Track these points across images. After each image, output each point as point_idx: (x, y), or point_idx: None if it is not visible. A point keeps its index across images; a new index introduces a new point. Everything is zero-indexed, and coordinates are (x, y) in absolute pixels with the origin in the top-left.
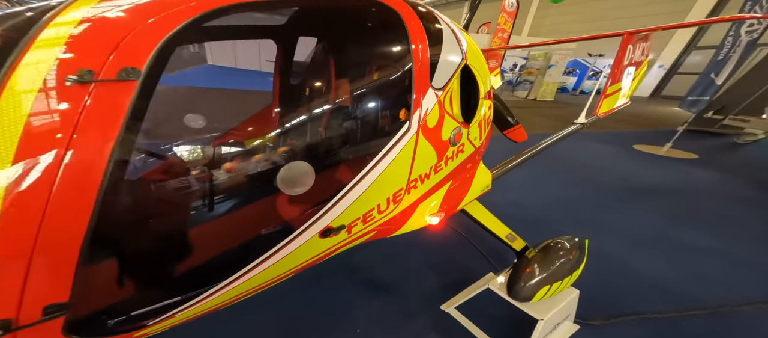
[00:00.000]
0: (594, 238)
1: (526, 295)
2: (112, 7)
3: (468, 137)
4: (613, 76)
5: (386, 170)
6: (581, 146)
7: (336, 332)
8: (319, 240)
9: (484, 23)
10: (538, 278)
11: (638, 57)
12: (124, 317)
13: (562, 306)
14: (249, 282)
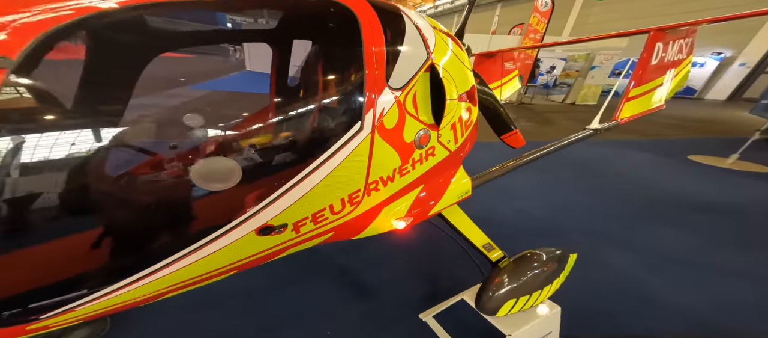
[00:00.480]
0: (612, 255)
1: (491, 307)
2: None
3: (439, 140)
4: (637, 77)
5: (336, 170)
6: (618, 153)
7: (305, 332)
8: (257, 238)
9: (517, 25)
10: (505, 289)
11: (674, 56)
12: (15, 309)
13: (536, 323)
14: (171, 277)
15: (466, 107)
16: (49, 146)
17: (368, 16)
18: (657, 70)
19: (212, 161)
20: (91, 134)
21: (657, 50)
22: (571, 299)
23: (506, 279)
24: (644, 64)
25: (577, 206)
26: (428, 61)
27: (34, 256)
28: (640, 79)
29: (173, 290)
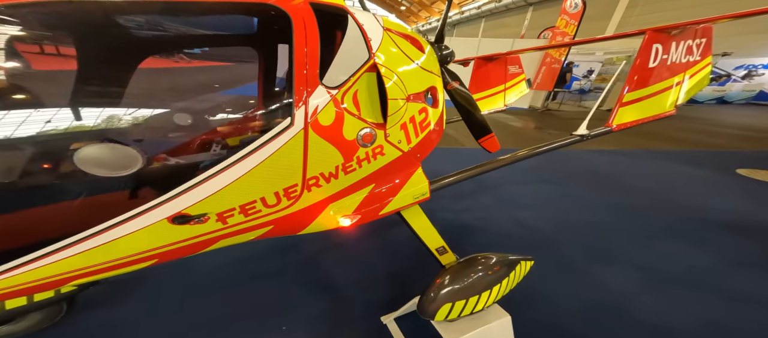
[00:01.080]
0: (609, 273)
1: (430, 310)
2: None
3: (387, 139)
4: (632, 81)
5: (263, 164)
6: (651, 165)
7: (262, 325)
8: (173, 227)
9: (548, 28)
10: (445, 292)
11: (681, 58)
12: None
13: (482, 331)
14: (69, 262)
15: (421, 109)
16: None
17: (304, 18)
18: (660, 73)
19: (106, 147)
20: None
21: (655, 52)
22: (539, 313)
23: (447, 281)
24: (640, 68)
25: (586, 222)
26: (370, 62)
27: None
28: (635, 83)
29: (78, 275)
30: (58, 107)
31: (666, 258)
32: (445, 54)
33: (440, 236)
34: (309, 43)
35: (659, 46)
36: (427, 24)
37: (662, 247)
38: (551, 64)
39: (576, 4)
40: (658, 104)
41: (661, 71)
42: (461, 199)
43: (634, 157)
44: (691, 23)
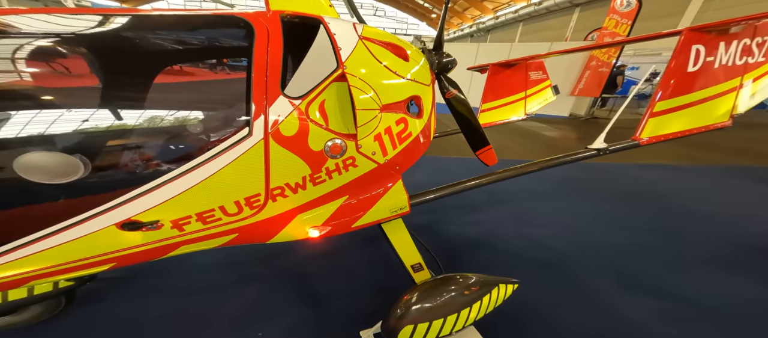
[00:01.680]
0: (628, 302)
1: (391, 328)
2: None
3: (360, 151)
4: (666, 88)
5: (220, 173)
6: (717, 183)
7: (238, 331)
8: (122, 233)
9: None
10: (408, 311)
11: (735, 59)
12: None
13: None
14: (43, 256)
15: (399, 119)
16: None
17: (269, 29)
18: (705, 78)
19: (40, 156)
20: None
21: (696, 55)
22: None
23: (415, 299)
24: (675, 72)
25: (615, 244)
26: (337, 72)
27: None
28: (671, 90)
29: (37, 276)
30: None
31: (708, 292)
32: (445, 62)
33: (419, 252)
34: (271, 53)
35: (701, 48)
36: (459, 30)
37: (706, 278)
38: (598, 67)
39: (629, 2)
40: (703, 114)
41: (707, 76)
42: (471, 212)
43: (691, 172)
44: (743, 19)
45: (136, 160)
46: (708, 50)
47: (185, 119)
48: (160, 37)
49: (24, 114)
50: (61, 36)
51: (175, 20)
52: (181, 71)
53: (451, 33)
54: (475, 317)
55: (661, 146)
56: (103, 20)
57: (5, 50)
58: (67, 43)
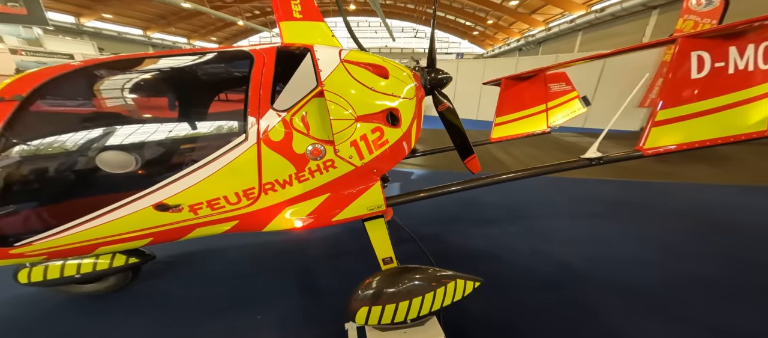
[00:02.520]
0: (641, 322)
1: (351, 310)
2: None
3: (338, 154)
4: (666, 96)
5: (223, 169)
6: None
7: (240, 314)
8: (155, 212)
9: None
10: (365, 294)
11: (750, 64)
12: (4, 230)
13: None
14: (104, 227)
15: (374, 128)
16: (45, 139)
17: (265, 58)
18: (725, 83)
19: (111, 154)
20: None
21: (699, 61)
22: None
23: (374, 284)
24: (677, 80)
25: (643, 261)
26: (317, 89)
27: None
28: (674, 99)
29: (117, 240)
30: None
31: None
32: (439, 78)
33: (392, 248)
34: (264, 76)
35: (704, 54)
36: (505, 45)
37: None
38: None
39: (709, 0)
40: (727, 123)
41: (721, 82)
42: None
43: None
44: (740, 23)
45: (167, 157)
46: (715, 56)
47: (204, 127)
48: (189, 69)
49: (101, 129)
50: (125, 75)
51: (203, 54)
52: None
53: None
54: (430, 307)
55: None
56: (157, 61)
57: (90, 86)
58: (129, 80)
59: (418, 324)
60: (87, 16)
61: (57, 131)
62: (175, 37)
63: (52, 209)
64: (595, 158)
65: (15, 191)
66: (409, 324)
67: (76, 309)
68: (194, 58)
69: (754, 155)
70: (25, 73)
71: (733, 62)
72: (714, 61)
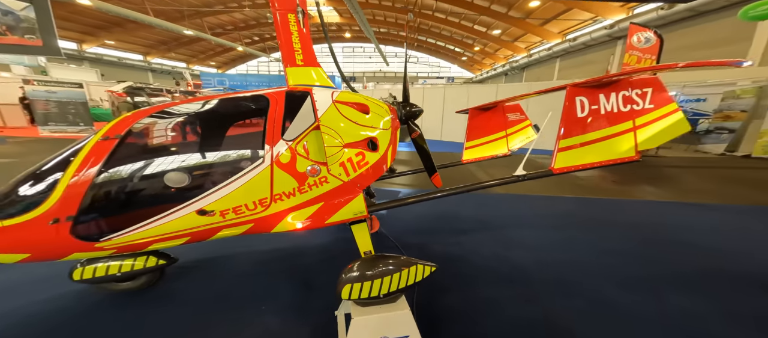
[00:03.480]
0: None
1: (337, 289)
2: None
3: (330, 172)
4: (565, 128)
5: (248, 183)
6: (733, 221)
7: (249, 304)
8: (196, 216)
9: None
10: (348, 276)
11: (619, 107)
12: (93, 230)
13: (381, 316)
14: (159, 228)
15: (358, 152)
16: (135, 163)
17: (278, 100)
18: (600, 121)
19: (174, 174)
20: (153, 161)
21: (581, 104)
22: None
23: (355, 268)
24: (568, 117)
25: (576, 262)
26: (315, 124)
27: (110, 207)
28: (569, 131)
29: (165, 238)
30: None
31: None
32: (414, 111)
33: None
34: (277, 114)
35: (584, 99)
36: (492, 70)
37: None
38: None
39: (648, 38)
40: (607, 150)
41: (600, 119)
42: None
43: (719, 211)
44: (606, 77)
45: (209, 175)
46: (591, 101)
47: (234, 153)
48: (225, 109)
49: (167, 156)
50: (179, 115)
51: (239, 99)
52: (234, 126)
53: (484, 73)
54: (397, 284)
55: None
56: (202, 103)
57: (160, 125)
58: (181, 118)
59: (390, 300)
60: (89, 42)
61: (139, 159)
62: (175, 62)
63: (128, 215)
64: (520, 175)
65: (107, 203)
66: (382, 299)
67: (114, 303)
68: (228, 100)
69: (693, 177)
70: (122, 117)
71: (603, 106)
72: (591, 105)
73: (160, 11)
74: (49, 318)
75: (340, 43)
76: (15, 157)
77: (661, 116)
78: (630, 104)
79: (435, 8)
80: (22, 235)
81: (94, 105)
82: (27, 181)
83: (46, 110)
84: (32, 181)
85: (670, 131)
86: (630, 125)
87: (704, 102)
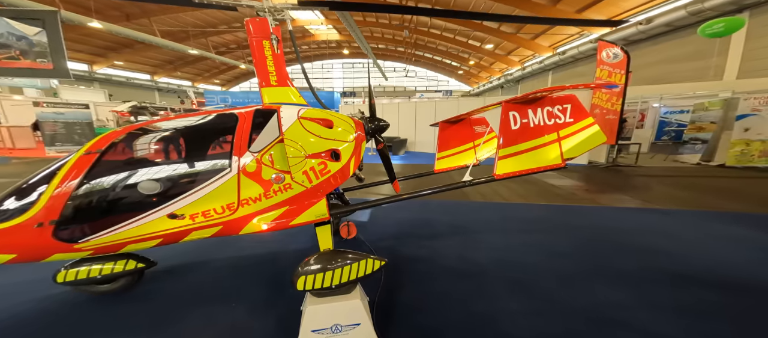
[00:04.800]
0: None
1: (292, 280)
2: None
3: (293, 179)
4: (502, 138)
5: (216, 189)
6: (689, 227)
7: (219, 303)
8: (167, 220)
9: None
10: (304, 268)
11: (546, 120)
12: (74, 233)
13: (335, 305)
14: (132, 231)
15: (320, 162)
16: (113, 174)
17: (247, 117)
18: (530, 133)
19: (146, 182)
20: (126, 172)
21: (514, 118)
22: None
23: (312, 261)
24: (504, 129)
25: (530, 262)
26: (279, 137)
27: (94, 210)
28: (505, 141)
29: (138, 240)
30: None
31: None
32: (381, 125)
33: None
34: (244, 130)
35: (516, 113)
36: (488, 83)
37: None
38: (604, 115)
39: (616, 53)
40: (537, 158)
41: (532, 131)
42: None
43: (678, 217)
44: (531, 94)
45: (179, 183)
46: (521, 115)
47: (204, 163)
48: (198, 125)
49: (141, 168)
50: (155, 131)
51: (207, 115)
52: (206, 140)
53: (480, 86)
54: (349, 276)
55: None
56: (178, 121)
57: (136, 141)
58: (157, 134)
59: (345, 291)
60: (100, 63)
61: (116, 171)
62: (181, 81)
63: (105, 219)
64: (467, 180)
65: (86, 208)
66: (336, 290)
67: (95, 304)
68: (201, 118)
69: (659, 185)
70: (104, 134)
71: (531, 119)
72: (521, 118)
73: (167, 32)
74: (35, 318)
75: (339, 59)
76: (16, 177)
77: (581, 129)
78: (554, 118)
79: (430, 25)
80: (10, 238)
81: (100, 125)
82: (17, 190)
83: (54, 131)
84: (22, 190)
85: (590, 142)
86: (555, 136)
87: (689, 113)
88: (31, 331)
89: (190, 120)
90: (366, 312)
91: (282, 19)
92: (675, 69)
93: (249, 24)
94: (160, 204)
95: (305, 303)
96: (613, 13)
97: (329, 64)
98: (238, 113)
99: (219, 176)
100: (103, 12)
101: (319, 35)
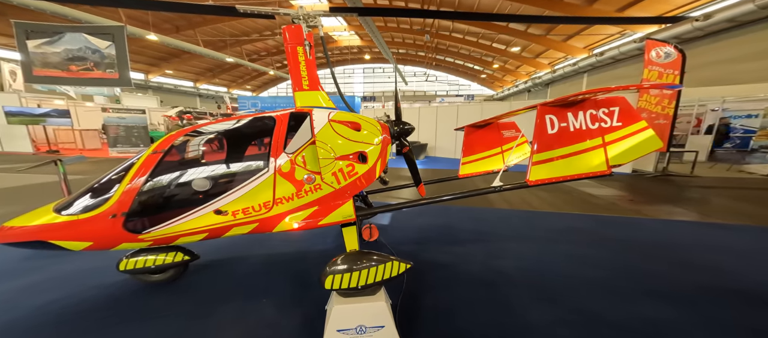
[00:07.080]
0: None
1: (321, 279)
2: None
3: (323, 180)
4: (537, 143)
5: (255, 188)
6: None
7: (251, 297)
8: (213, 215)
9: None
10: (332, 268)
11: (589, 124)
12: (138, 224)
13: (359, 306)
14: (185, 224)
15: (348, 164)
16: (173, 172)
17: (283, 120)
18: (569, 138)
19: (199, 180)
20: (187, 170)
21: (551, 122)
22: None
23: (339, 261)
24: (539, 133)
25: (560, 272)
26: (311, 139)
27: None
28: (540, 146)
29: (189, 233)
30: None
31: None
32: (406, 129)
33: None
34: (281, 132)
35: (554, 117)
36: (514, 87)
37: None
38: (653, 119)
39: (668, 53)
40: (578, 164)
41: (571, 136)
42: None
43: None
44: (572, 96)
45: (225, 181)
46: (559, 118)
47: (246, 163)
48: (242, 127)
49: (195, 167)
50: (207, 133)
51: (253, 120)
52: (248, 141)
53: (505, 90)
54: (374, 277)
55: None
56: (226, 123)
57: (192, 142)
58: (208, 135)
59: (370, 292)
60: (154, 72)
61: (175, 169)
62: (218, 87)
63: (164, 213)
64: (498, 186)
65: (150, 202)
66: (362, 291)
67: (148, 291)
68: (243, 121)
69: (719, 197)
70: (167, 135)
71: (571, 123)
72: (560, 122)
73: (208, 41)
74: (100, 302)
75: (360, 64)
76: (90, 174)
77: (631, 133)
78: (598, 122)
79: (452, 29)
80: (89, 227)
81: (153, 128)
82: (96, 185)
83: (117, 134)
84: (99, 186)
85: (642, 148)
86: (599, 142)
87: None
88: (101, 310)
89: (236, 123)
90: (390, 315)
91: (314, 26)
92: (739, 69)
93: (285, 31)
94: (209, 201)
95: (331, 302)
96: (662, 11)
97: (350, 70)
98: (275, 116)
99: (258, 175)
100: (158, 25)
101: (342, 41)
